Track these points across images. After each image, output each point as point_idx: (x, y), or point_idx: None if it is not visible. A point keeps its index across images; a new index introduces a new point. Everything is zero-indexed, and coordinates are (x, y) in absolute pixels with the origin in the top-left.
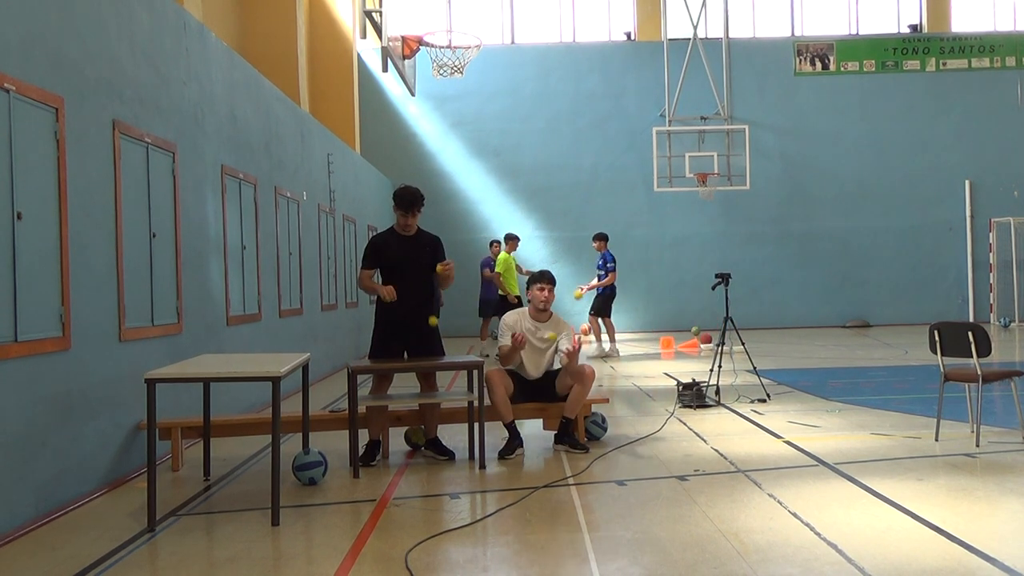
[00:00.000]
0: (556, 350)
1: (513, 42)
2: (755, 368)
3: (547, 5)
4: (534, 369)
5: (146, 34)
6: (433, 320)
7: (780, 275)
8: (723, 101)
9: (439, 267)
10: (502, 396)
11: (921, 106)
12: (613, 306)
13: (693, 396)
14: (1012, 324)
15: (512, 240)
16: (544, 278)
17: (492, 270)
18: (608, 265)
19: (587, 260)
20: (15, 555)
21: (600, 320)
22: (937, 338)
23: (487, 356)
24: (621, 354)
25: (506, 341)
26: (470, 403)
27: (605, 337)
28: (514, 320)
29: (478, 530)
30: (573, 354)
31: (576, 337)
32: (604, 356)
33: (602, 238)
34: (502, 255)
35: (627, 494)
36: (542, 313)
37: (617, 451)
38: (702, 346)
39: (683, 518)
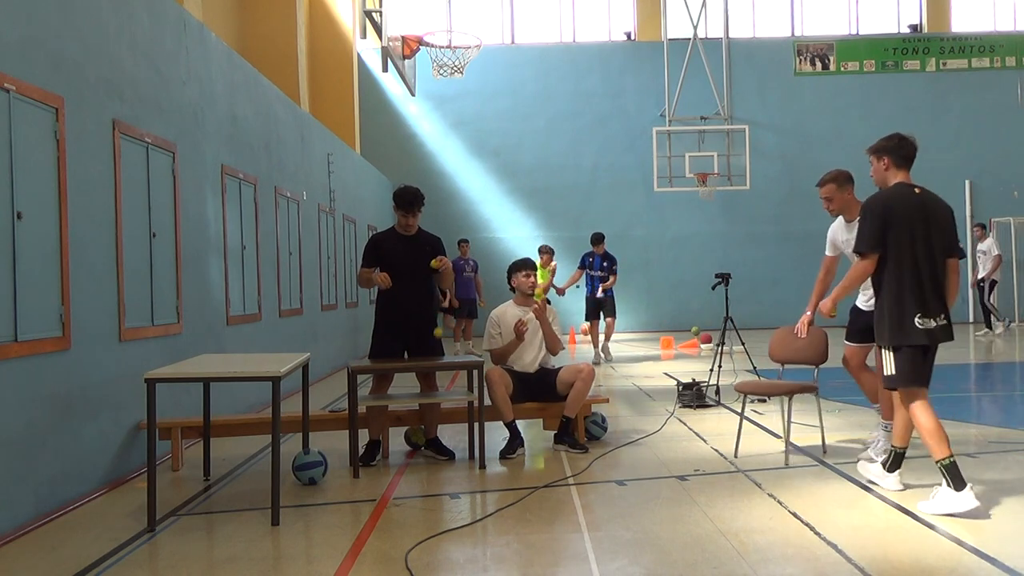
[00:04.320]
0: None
1: (513, 42)
2: (755, 368)
3: (547, 5)
4: (528, 359)
5: (146, 34)
6: (438, 331)
7: (780, 275)
8: (723, 101)
9: (433, 262)
10: (502, 394)
11: (921, 106)
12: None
13: (693, 396)
14: (1012, 324)
15: (546, 254)
16: (527, 265)
17: (462, 273)
18: (613, 267)
19: (579, 262)
20: (15, 555)
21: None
22: None
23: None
24: (606, 357)
25: (495, 337)
26: (470, 403)
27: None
28: (501, 312)
29: (478, 530)
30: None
31: (554, 311)
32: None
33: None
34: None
35: (627, 494)
36: (528, 298)
37: (617, 451)
38: (702, 346)
39: (683, 518)
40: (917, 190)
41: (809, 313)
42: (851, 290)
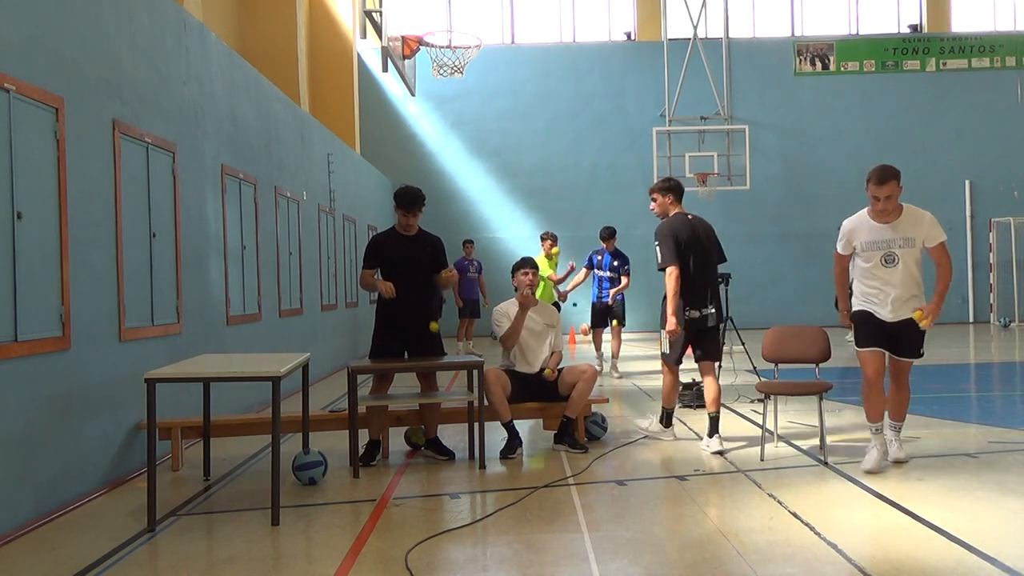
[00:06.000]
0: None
1: (513, 42)
2: (755, 368)
3: (547, 5)
4: (532, 358)
5: (146, 34)
6: (434, 325)
7: (780, 275)
8: (723, 101)
9: (443, 275)
10: (499, 395)
11: (921, 106)
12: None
13: (693, 396)
14: (1012, 324)
15: (548, 239)
16: (527, 264)
17: (466, 273)
18: (626, 267)
19: (586, 260)
20: (15, 555)
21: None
22: None
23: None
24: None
25: (502, 327)
26: (470, 403)
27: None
28: (507, 306)
29: (478, 530)
30: (557, 357)
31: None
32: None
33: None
34: (540, 258)
35: (627, 494)
36: (527, 297)
37: (617, 451)
38: None
39: (683, 518)
40: (690, 216)
41: (846, 313)
42: (678, 300)
